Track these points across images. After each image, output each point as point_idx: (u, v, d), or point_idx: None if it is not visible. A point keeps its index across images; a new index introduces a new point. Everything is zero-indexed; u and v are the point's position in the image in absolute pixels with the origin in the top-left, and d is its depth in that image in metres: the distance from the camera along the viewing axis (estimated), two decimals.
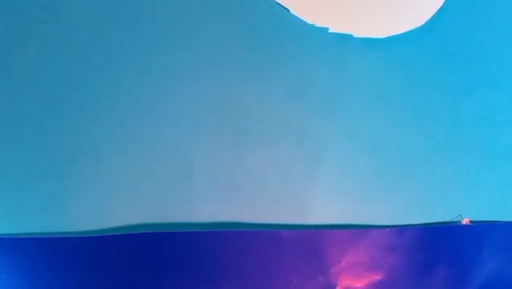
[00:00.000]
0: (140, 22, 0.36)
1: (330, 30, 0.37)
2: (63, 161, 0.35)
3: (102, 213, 0.35)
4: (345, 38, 0.37)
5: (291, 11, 0.37)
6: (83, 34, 0.36)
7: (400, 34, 0.37)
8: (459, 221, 0.38)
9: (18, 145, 0.35)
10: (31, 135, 0.35)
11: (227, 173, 0.36)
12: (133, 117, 0.36)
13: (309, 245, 0.36)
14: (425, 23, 0.38)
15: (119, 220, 0.36)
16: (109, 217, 0.35)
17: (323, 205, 0.37)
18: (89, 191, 0.35)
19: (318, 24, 0.37)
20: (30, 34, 0.35)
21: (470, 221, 0.38)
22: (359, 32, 0.37)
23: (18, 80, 0.35)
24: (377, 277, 0.37)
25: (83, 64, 0.36)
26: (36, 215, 0.35)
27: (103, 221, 0.35)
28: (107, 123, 0.36)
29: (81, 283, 0.35)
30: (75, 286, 0.35)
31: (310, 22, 0.37)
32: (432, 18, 0.38)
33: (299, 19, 0.37)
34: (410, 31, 0.37)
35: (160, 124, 0.36)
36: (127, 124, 0.36)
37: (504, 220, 0.38)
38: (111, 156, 0.36)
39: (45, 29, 0.35)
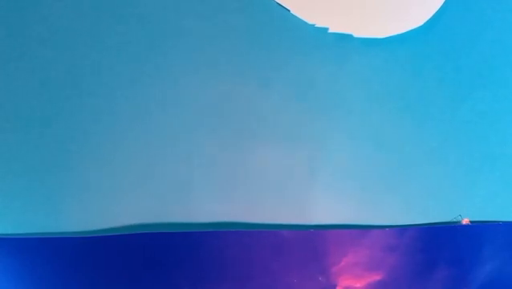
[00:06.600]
0: (139, 22, 0.36)
1: (330, 30, 0.37)
2: (63, 161, 0.35)
3: (102, 213, 0.35)
4: (345, 38, 0.37)
5: (291, 11, 0.37)
6: (83, 34, 0.36)
7: (400, 34, 0.37)
8: (459, 221, 0.38)
9: (17, 145, 0.35)
10: (31, 135, 0.35)
11: (227, 173, 0.36)
12: (133, 117, 0.36)
13: (309, 245, 0.36)
14: (425, 23, 0.38)
15: (119, 220, 0.35)
16: (109, 217, 0.35)
17: (323, 205, 0.37)
18: (89, 191, 0.35)
19: (318, 24, 0.37)
20: (29, 33, 0.35)
21: (470, 221, 0.38)
22: (359, 32, 0.37)
23: (17, 80, 0.35)
24: (377, 277, 0.37)
25: (83, 64, 0.36)
26: (36, 215, 0.35)
27: (103, 221, 0.35)
28: (107, 123, 0.36)
29: (81, 283, 0.35)
30: (74, 286, 0.35)
31: (310, 22, 0.37)
32: (432, 18, 0.38)
33: (299, 19, 0.37)
34: (410, 31, 0.37)
35: (159, 123, 0.36)
36: (127, 124, 0.36)
37: (504, 220, 0.38)
38: (111, 156, 0.36)
39: (44, 29, 0.35)
